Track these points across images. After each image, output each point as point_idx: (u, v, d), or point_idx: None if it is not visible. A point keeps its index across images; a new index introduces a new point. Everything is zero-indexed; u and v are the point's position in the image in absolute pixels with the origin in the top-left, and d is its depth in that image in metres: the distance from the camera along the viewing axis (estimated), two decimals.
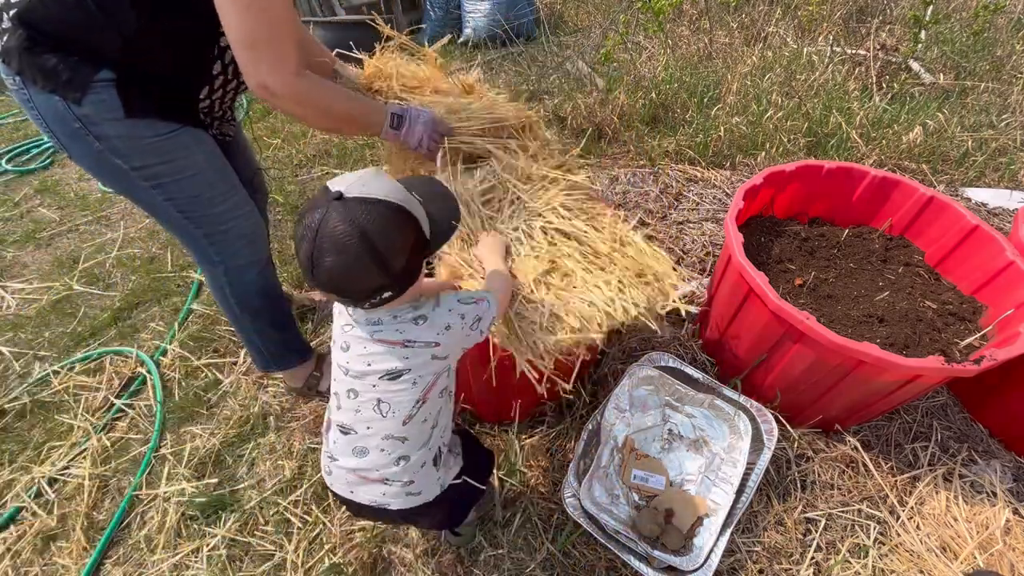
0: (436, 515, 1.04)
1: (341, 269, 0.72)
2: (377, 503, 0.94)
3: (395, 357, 0.86)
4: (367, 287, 0.76)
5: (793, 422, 1.48)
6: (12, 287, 2.24)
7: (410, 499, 0.94)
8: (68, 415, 1.72)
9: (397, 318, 0.86)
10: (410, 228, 0.78)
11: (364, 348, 0.86)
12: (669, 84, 2.95)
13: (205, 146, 1.18)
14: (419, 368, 0.86)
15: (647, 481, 1.35)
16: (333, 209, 0.71)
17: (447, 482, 1.00)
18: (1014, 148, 2.53)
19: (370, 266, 0.73)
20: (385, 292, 0.78)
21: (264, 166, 1.80)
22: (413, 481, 0.93)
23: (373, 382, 0.87)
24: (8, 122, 3.48)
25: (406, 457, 0.91)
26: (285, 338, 1.57)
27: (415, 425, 0.89)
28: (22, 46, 0.94)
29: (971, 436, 1.52)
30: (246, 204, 1.31)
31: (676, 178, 2.53)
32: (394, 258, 0.75)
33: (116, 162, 1.08)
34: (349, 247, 0.71)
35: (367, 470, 0.92)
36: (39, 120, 1.03)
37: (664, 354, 1.51)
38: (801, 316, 1.18)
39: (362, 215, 0.71)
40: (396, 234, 0.75)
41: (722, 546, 1.18)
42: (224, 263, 1.33)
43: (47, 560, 1.40)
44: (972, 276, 1.44)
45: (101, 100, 0.99)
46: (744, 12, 3.70)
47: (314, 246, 0.72)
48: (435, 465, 0.96)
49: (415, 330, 0.85)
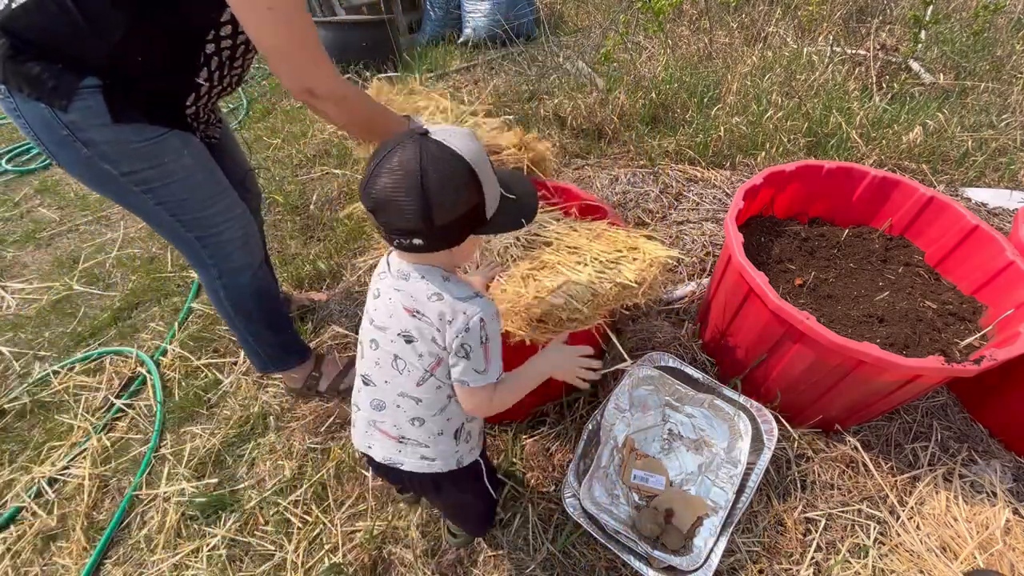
0: (446, 493, 1.04)
1: (389, 192, 0.73)
2: (391, 461, 0.95)
3: (407, 324, 0.86)
4: (402, 223, 0.75)
5: (793, 422, 1.48)
6: (12, 287, 2.24)
7: (423, 463, 0.94)
8: (68, 415, 1.72)
9: (425, 279, 0.84)
10: (470, 193, 0.76)
11: (389, 300, 0.87)
12: (669, 84, 2.95)
13: (193, 149, 1.18)
14: (424, 342, 0.85)
15: (647, 481, 1.35)
16: (411, 140, 0.73)
17: (465, 460, 0.98)
18: (1014, 148, 2.53)
19: (414, 205, 0.72)
20: (416, 239, 0.76)
21: (255, 166, 1.79)
22: (428, 447, 0.93)
23: (392, 337, 0.87)
24: (8, 122, 3.48)
25: (420, 419, 0.91)
26: (282, 340, 1.57)
27: (429, 389, 0.89)
28: (5, 55, 0.94)
29: (971, 436, 1.52)
30: (237, 207, 1.30)
31: (676, 178, 2.52)
32: (439, 210, 0.73)
33: (105, 168, 1.08)
34: (404, 177, 0.72)
35: (384, 423, 0.94)
36: (26, 128, 1.03)
37: (664, 354, 1.51)
38: (801, 316, 1.18)
39: (430, 156, 0.72)
40: (452, 190, 0.74)
41: (722, 546, 1.18)
42: (217, 266, 1.33)
43: (47, 560, 1.40)
44: (972, 276, 1.44)
45: (87, 106, 0.99)
46: (744, 12, 3.70)
47: (379, 162, 0.74)
48: (455, 438, 0.95)
49: (425, 304, 0.83)
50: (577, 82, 3.17)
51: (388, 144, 0.74)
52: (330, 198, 2.58)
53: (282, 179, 2.71)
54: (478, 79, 3.60)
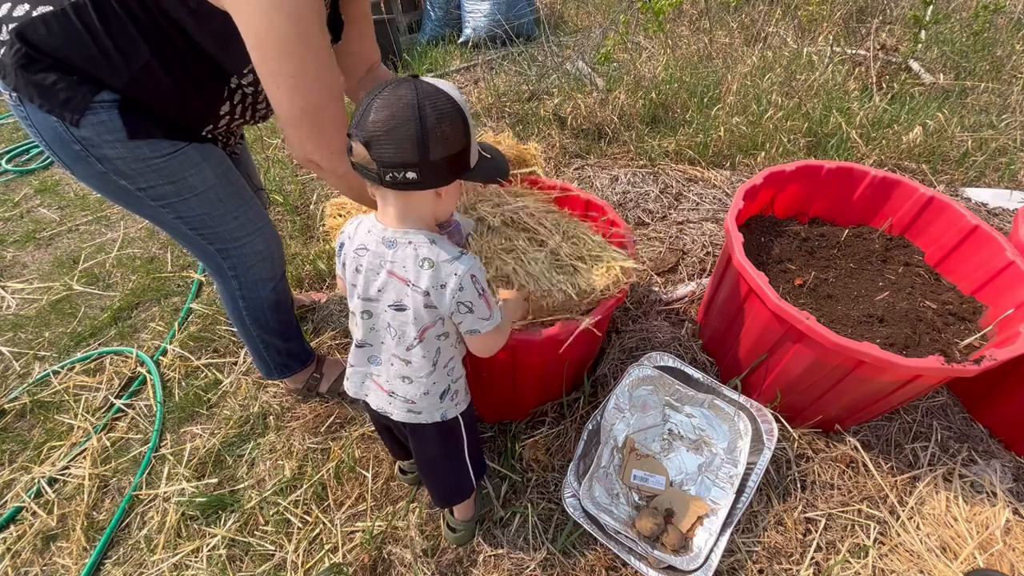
0: (430, 444, 1.11)
1: (386, 123, 0.74)
2: (383, 410, 1.04)
3: (399, 292, 0.89)
4: (398, 155, 0.76)
5: (793, 422, 1.48)
6: (12, 287, 2.24)
7: (410, 415, 1.02)
8: (68, 415, 1.72)
9: (412, 244, 0.86)
10: (460, 132, 0.80)
11: (377, 275, 0.89)
12: (669, 84, 2.95)
13: (213, 160, 1.14)
14: (416, 310, 0.89)
15: (647, 481, 1.35)
16: (405, 80, 0.76)
17: (448, 415, 1.05)
18: (1014, 148, 2.53)
19: (411, 136, 0.74)
20: (410, 172, 0.77)
21: (264, 185, 1.79)
22: (415, 403, 1.00)
23: (383, 308, 0.92)
24: (8, 122, 3.48)
25: (409, 379, 0.97)
26: (290, 348, 1.57)
27: (416, 355, 0.94)
28: (18, 63, 0.89)
29: (971, 436, 1.52)
30: (260, 219, 1.27)
31: (676, 178, 2.53)
32: (435, 143, 0.76)
33: (121, 183, 1.05)
34: (404, 108, 0.74)
35: (378, 376, 1.01)
36: (39, 138, 0.99)
37: (664, 354, 1.51)
38: (801, 316, 1.18)
39: (427, 94, 0.75)
40: (448, 126, 0.77)
41: (722, 546, 1.18)
42: (238, 278, 1.30)
43: (47, 560, 1.40)
44: (972, 276, 1.44)
45: (101, 122, 0.95)
46: (744, 12, 3.70)
47: (374, 98, 0.75)
48: (440, 398, 1.01)
49: (415, 272, 0.86)
50: (577, 82, 3.17)
51: (380, 84, 0.76)
52: (330, 198, 2.58)
53: (282, 179, 2.71)
54: (478, 79, 3.60)
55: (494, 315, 0.92)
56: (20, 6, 0.89)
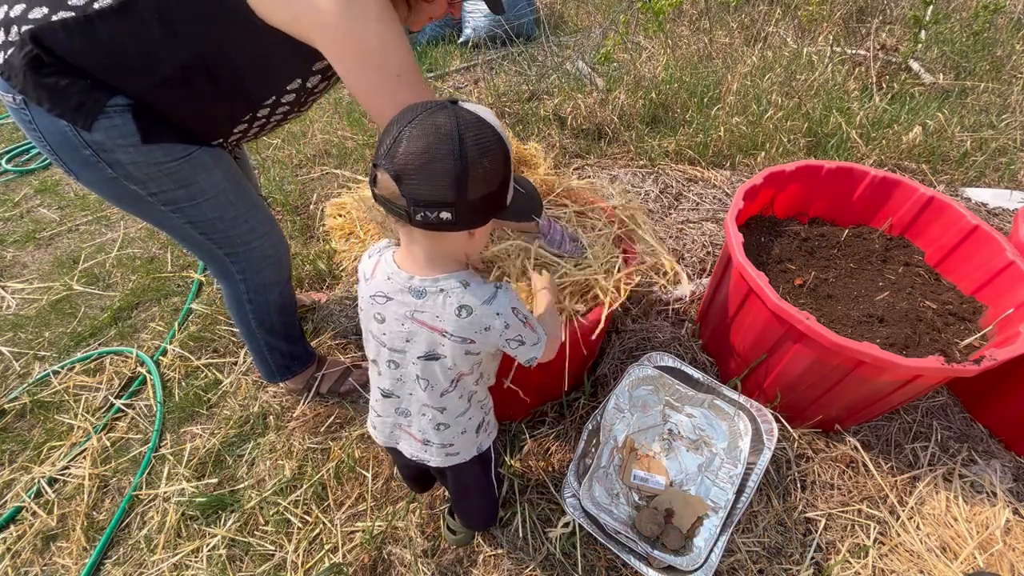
0: (467, 476, 1.09)
1: (421, 156, 0.65)
2: (418, 458, 1.00)
3: (432, 343, 0.83)
4: (432, 193, 0.67)
5: (793, 422, 1.48)
6: (12, 287, 2.24)
7: (449, 459, 0.99)
8: (68, 415, 1.72)
9: (444, 292, 0.78)
10: (500, 167, 0.71)
11: (402, 326, 0.83)
12: (669, 84, 2.95)
13: (223, 165, 1.12)
14: (454, 357, 0.84)
15: (647, 481, 1.35)
16: (442, 107, 0.68)
17: (483, 447, 1.03)
18: (1014, 148, 2.53)
19: (449, 171, 0.65)
20: (444, 212, 0.68)
21: (254, 166, 1.79)
22: (452, 444, 0.97)
23: (412, 359, 0.86)
24: (8, 122, 3.48)
25: (445, 424, 0.94)
26: (293, 350, 1.57)
27: (452, 399, 0.91)
28: (28, 64, 0.85)
29: (971, 436, 1.52)
30: (268, 222, 1.27)
31: (676, 178, 2.53)
32: (474, 180, 0.67)
33: (132, 188, 1.03)
34: (441, 141, 0.65)
35: (409, 427, 0.98)
36: (42, 143, 0.95)
37: (664, 354, 1.51)
38: (801, 316, 1.18)
39: (468, 124, 0.67)
40: (488, 160, 0.68)
41: (722, 546, 1.18)
42: (247, 281, 1.30)
43: (47, 560, 1.40)
44: (972, 276, 1.44)
45: (115, 126, 0.92)
46: (744, 12, 3.70)
47: (406, 124, 0.67)
48: (476, 432, 1.00)
49: (454, 322, 0.79)
50: (577, 82, 3.17)
51: (415, 109, 0.68)
52: (330, 198, 2.58)
53: (282, 179, 2.71)
54: (478, 79, 3.60)
55: (541, 334, 0.88)
56: (38, 9, 0.85)
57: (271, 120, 1.15)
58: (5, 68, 0.87)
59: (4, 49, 0.87)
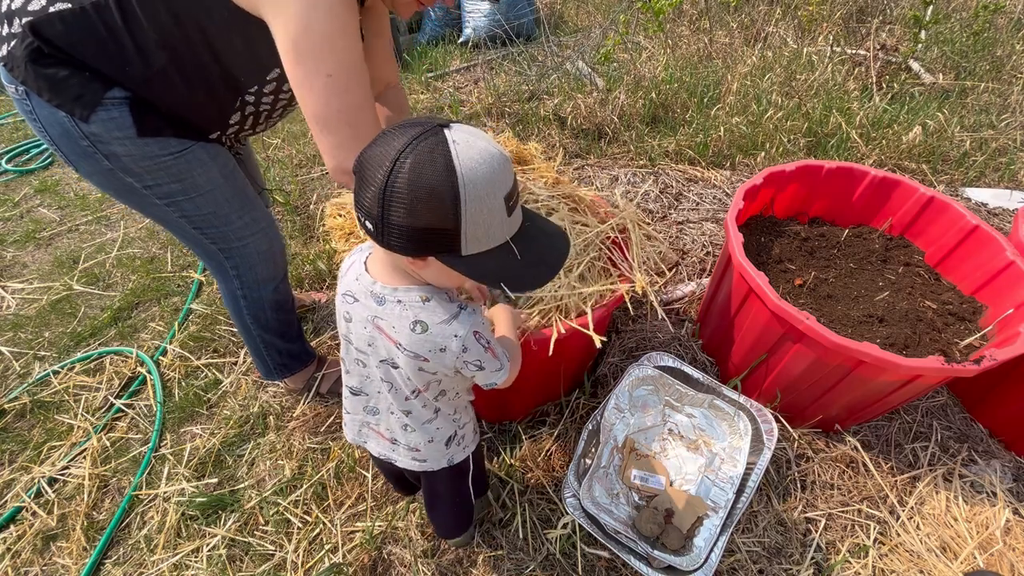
0: (439, 484, 1.10)
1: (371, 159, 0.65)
2: (386, 457, 1.01)
3: (389, 351, 0.82)
4: (363, 198, 0.66)
5: (793, 422, 1.48)
6: (12, 287, 2.24)
7: (415, 463, 0.99)
8: (68, 415, 1.72)
9: (401, 303, 0.76)
10: (437, 213, 0.64)
11: (365, 328, 0.82)
12: (669, 84, 2.95)
13: (220, 160, 1.13)
14: (408, 370, 0.82)
15: (647, 481, 1.35)
16: (423, 127, 0.64)
17: (456, 459, 1.02)
18: (1014, 148, 2.53)
19: (375, 187, 0.64)
20: (368, 223, 0.68)
21: (268, 187, 1.79)
22: (419, 450, 0.97)
23: (376, 363, 0.85)
24: (8, 122, 3.48)
25: (411, 428, 0.94)
26: (291, 348, 1.57)
27: (416, 406, 0.90)
28: (28, 56, 0.87)
29: (971, 436, 1.52)
30: (263, 219, 1.27)
31: (676, 178, 2.53)
32: (394, 208, 0.64)
33: (128, 180, 1.04)
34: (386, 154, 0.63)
35: (377, 425, 0.98)
36: (43, 133, 0.98)
37: (664, 354, 1.51)
38: (801, 316, 1.18)
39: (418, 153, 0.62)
40: (413, 197, 0.63)
41: (722, 546, 1.18)
42: (240, 278, 1.30)
43: (47, 560, 1.40)
44: (972, 276, 1.44)
45: (112, 118, 0.94)
46: (744, 12, 3.70)
47: (388, 131, 0.66)
48: (446, 445, 0.98)
49: (408, 336, 0.77)
50: (577, 82, 3.17)
51: (410, 120, 0.67)
52: (330, 198, 2.58)
53: (282, 179, 2.71)
54: (478, 79, 3.60)
55: (503, 360, 0.85)
56: (36, 0, 0.87)
57: (261, 110, 1.14)
58: (8, 59, 0.90)
59: (7, 41, 0.89)
